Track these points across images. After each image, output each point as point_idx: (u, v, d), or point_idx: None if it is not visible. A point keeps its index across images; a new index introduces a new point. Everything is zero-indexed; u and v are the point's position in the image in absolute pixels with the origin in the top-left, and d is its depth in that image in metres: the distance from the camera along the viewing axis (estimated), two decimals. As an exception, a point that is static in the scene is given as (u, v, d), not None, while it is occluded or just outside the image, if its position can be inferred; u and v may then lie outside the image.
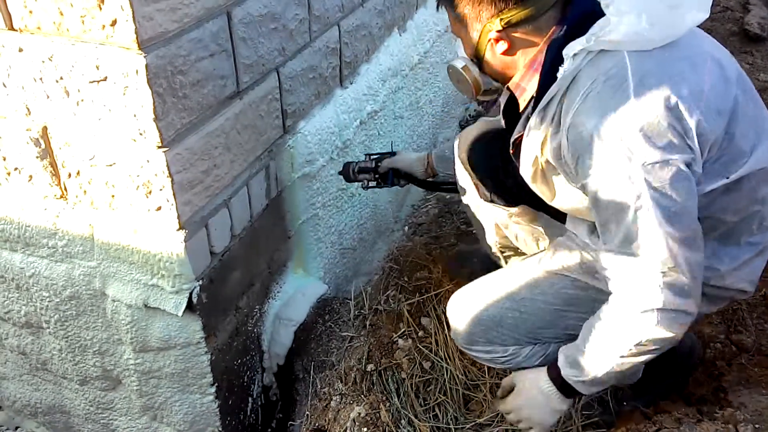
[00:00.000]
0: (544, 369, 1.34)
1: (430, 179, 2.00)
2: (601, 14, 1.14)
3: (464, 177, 1.75)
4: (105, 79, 1.30)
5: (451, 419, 1.56)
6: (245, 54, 1.57)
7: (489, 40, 1.27)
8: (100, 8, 1.20)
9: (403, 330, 1.87)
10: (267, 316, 2.04)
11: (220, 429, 1.88)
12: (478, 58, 1.34)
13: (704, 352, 1.71)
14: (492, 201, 1.69)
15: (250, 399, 2.03)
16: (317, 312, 2.08)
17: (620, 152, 1.09)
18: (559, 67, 1.18)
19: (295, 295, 2.12)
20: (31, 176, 1.57)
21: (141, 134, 1.34)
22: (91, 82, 1.32)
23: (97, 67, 1.29)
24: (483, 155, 1.69)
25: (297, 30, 1.79)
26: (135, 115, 1.32)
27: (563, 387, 1.30)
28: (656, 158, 1.07)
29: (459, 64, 1.40)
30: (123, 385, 1.89)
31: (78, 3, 1.21)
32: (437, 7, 1.38)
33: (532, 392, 1.34)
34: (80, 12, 1.22)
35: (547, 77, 1.20)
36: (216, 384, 1.77)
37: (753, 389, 1.50)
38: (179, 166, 1.42)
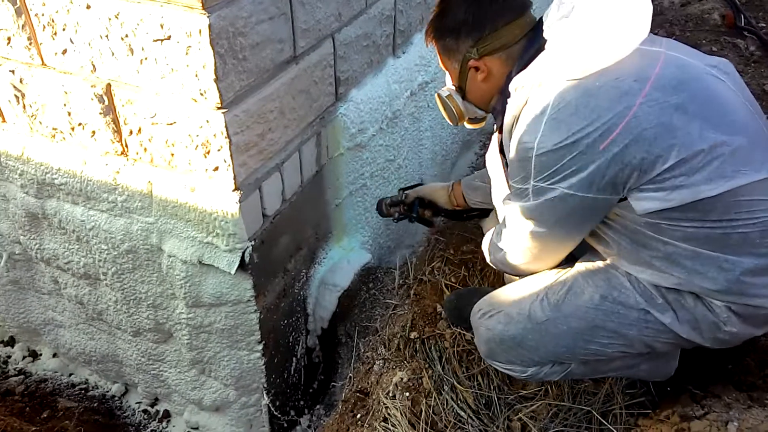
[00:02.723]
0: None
1: (452, 209, 1.99)
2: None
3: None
4: (169, 38, 1.32)
5: (495, 388, 1.57)
6: (303, 18, 1.57)
7: (469, 69, 1.41)
8: (168, -33, 1.22)
9: (446, 301, 1.87)
10: (312, 281, 2.08)
11: (265, 385, 1.94)
12: (461, 87, 1.48)
13: (757, 339, 1.66)
14: None
15: (294, 359, 2.09)
16: (361, 279, 2.10)
17: (522, 173, 1.25)
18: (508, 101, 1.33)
19: (341, 262, 2.15)
20: (94, 132, 1.62)
21: (201, 94, 1.37)
22: (155, 40, 1.34)
23: (162, 26, 1.31)
24: None
25: (354, -5, 1.78)
26: (196, 75, 1.34)
27: None
28: (544, 183, 1.21)
29: (444, 92, 1.54)
30: (174, 338, 1.97)
31: (146, -39, 1.23)
32: (426, 44, 1.52)
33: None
34: (148, -30, 1.24)
35: (500, 111, 1.38)
36: (263, 342, 1.82)
37: (805, 378, 1.46)
38: (237, 127, 1.45)
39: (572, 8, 1.20)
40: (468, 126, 1.58)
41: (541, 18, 1.34)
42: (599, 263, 1.39)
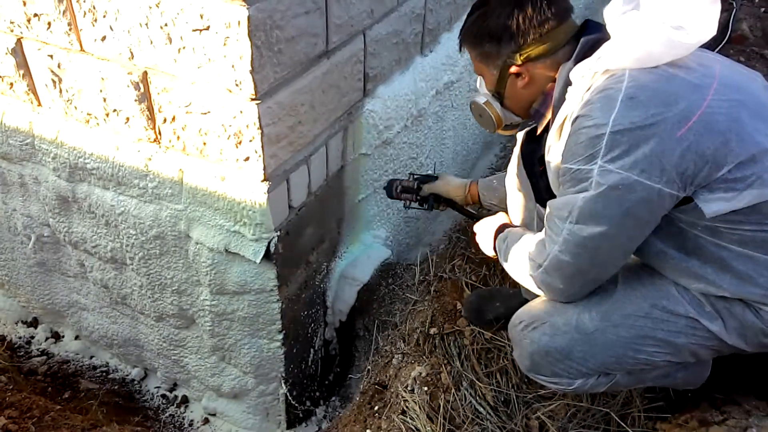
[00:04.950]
0: (500, 221, 1.59)
1: (468, 206, 1.98)
2: (607, 39, 1.21)
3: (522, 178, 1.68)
4: (208, 28, 1.35)
5: (514, 387, 1.58)
6: (337, 13, 1.59)
7: (510, 75, 1.37)
8: (211, -42, 1.24)
9: (467, 299, 1.87)
10: (333, 274, 2.10)
11: (284, 375, 1.97)
12: (499, 93, 1.43)
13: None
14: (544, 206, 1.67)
15: (311, 350, 2.11)
16: (381, 275, 2.12)
17: (588, 151, 1.16)
18: (568, 89, 1.26)
19: (361, 257, 2.18)
20: (128, 118, 1.65)
21: (237, 85, 1.39)
22: (194, 30, 1.37)
23: (201, 16, 1.34)
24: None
25: (387, -8, 1.80)
26: (233, 66, 1.37)
27: (494, 242, 1.55)
28: (614, 165, 1.14)
29: (481, 99, 1.49)
30: (196, 324, 2.00)
31: (190, -48, 1.26)
32: (459, 49, 1.46)
33: (484, 228, 1.63)
34: (191, -39, 1.27)
35: (559, 99, 1.29)
36: (284, 331, 1.85)
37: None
38: (269, 119, 1.47)
39: (638, 2, 1.19)
40: (501, 133, 1.56)
41: (585, 21, 1.33)
42: (643, 271, 1.37)
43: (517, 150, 1.57)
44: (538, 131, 1.42)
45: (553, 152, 1.30)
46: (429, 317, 1.81)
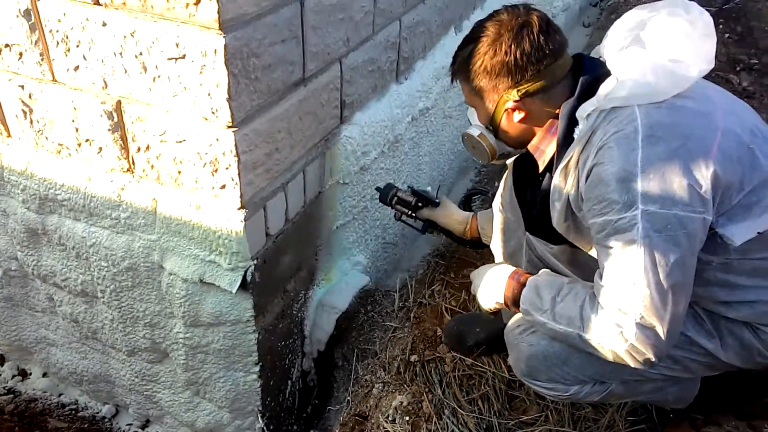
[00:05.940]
0: (511, 268, 1.44)
1: (467, 239, 1.94)
2: (607, 76, 1.22)
3: (513, 204, 1.66)
4: (183, 56, 1.34)
5: (495, 413, 1.56)
6: (313, 42, 1.60)
7: (505, 110, 1.35)
8: (187, -12, 1.24)
9: (446, 325, 1.85)
10: (311, 302, 2.07)
11: (260, 408, 1.92)
12: (493, 126, 1.42)
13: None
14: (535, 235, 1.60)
15: (289, 382, 2.06)
16: (360, 302, 2.10)
17: (624, 197, 1.13)
18: (575, 129, 1.25)
19: (339, 284, 2.15)
20: (100, 148, 1.62)
21: (213, 113, 1.38)
22: (170, 59, 1.36)
23: (177, 45, 1.33)
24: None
25: (362, 22, 1.82)
26: (209, 94, 1.36)
27: (510, 291, 1.40)
28: (657, 206, 1.11)
29: (475, 132, 1.48)
30: (170, 358, 1.94)
31: (165, -18, 1.26)
32: (452, 81, 1.46)
33: (491, 275, 1.46)
34: (166, -10, 1.27)
35: (564, 138, 1.28)
36: (260, 363, 1.81)
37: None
38: (245, 146, 1.46)
39: (635, 39, 1.22)
40: (494, 163, 1.55)
41: (577, 56, 1.34)
42: None
43: (509, 178, 1.57)
44: (540, 168, 1.40)
45: (559, 193, 1.29)
46: (409, 344, 1.79)
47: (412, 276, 2.22)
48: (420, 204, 1.93)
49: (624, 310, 1.15)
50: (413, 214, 1.94)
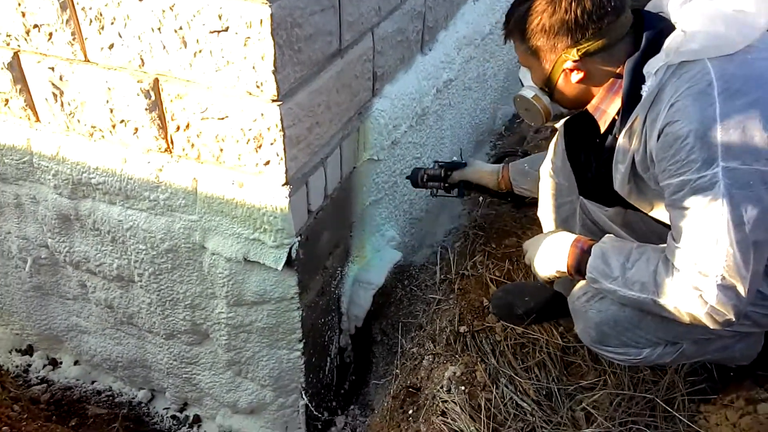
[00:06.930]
0: (572, 236, 1.38)
1: (501, 191, 1.94)
2: (670, 31, 1.18)
3: (565, 169, 1.63)
4: (226, 29, 1.30)
5: (554, 380, 1.56)
6: (349, 11, 1.57)
7: (563, 71, 1.31)
8: (231, -44, 1.20)
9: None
10: (347, 279, 2.06)
11: (304, 386, 1.91)
12: (549, 88, 1.38)
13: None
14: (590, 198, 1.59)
15: (328, 359, 2.06)
16: (395, 277, 2.09)
17: (704, 155, 1.10)
18: (642, 86, 1.21)
19: (373, 260, 2.14)
20: (136, 129, 1.59)
21: (258, 87, 1.35)
22: (212, 32, 1.32)
23: (220, 17, 1.29)
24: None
25: (393, -10, 1.78)
26: (254, 67, 1.33)
27: (573, 259, 1.35)
28: (738, 162, 1.08)
29: (528, 93, 1.43)
30: (210, 339, 1.93)
31: (208, -49, 1.22)
32: (504, 41, 1.40)
33: (550, 244, 1.41)
34: (209, -40, 1.23)
35: (630, 96, 1.23)
36: (304, 340, 1.80)
37: None
38: (290, 120, 1.43)
39: None
40: (547, 125, 1.52)
41: (637, 11, 1.29)
42: None
43: (560, 142, 1.54)
44: (602, 129, 1.36)
45: (623, 155, 1.25)
46: (457, 316, 1.78)
47: (444, 249, 2.21)
48: (449, 172, 1.95)
49: (704, 272, 1.13)
50: (446, 184, 1.96)
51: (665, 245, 1.24)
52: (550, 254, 1.41)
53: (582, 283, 1.41)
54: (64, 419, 2.10)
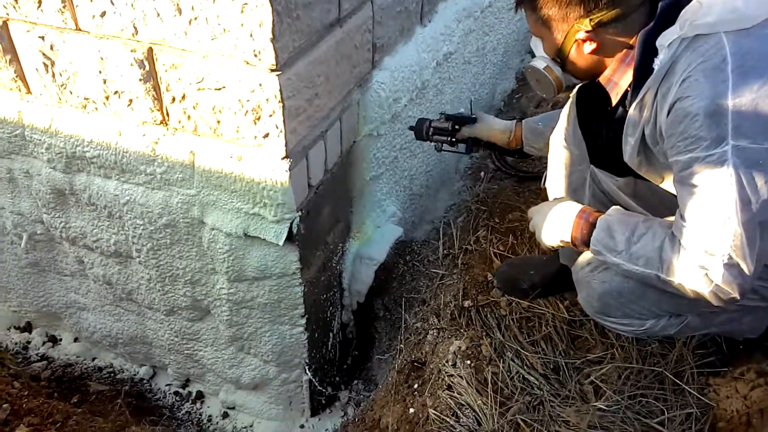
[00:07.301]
0: (578, 206, 1.36)
1: (510, 148, 1.88)
2: (687, 2, 1.13)
3: (576, 137, 1.59)
4: (223, -5, 1.26)
5: (561, 353, 1.55)
6: (348, -23, 1.52)
7: (576, 41, 1.27)
8: None
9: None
10: (348, 255, 2.04)
11: (307, 361, 1.90)
12: (561, 58, 1.34)
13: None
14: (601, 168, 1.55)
15: (330, 334, 2.05)
16: (397, 253, 2.07)
17: (713, 133, 1.07)
18: (654, 59, 1.17)
19: (374, 236, 2.12)
20: (131, 100, 1.55)
21: (256, 55, 1.31)
22: (208, -2, 1.27)
23: (216, -17, 1.25)
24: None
25: (393, -44, 1.72)
26: (251, 35, 1.28)
27: (578, 230, 1.33)
28: (749, 141, 1.05)
29: (540, 64, 1.39)
30: (212, 315, 1.91)
31: None
32: (515, 10, 1.35)
33: (556, 213, 1.39)
34: None
35: (642, 69, 1.20)
36: (306, 316, 1.78)
37: None
38: (289, 91, 1.39)
39: None
40: (558, 96, 1.48)
41: None
42: None
43: (572, 110, 1.50)
44: (614, 102, 1.32)
45: (634, 128, 1.22)
46: (461, 290, 1.76)
47: (448, 224, 2.18)
48: (457, 126, 1.86)
49: (711, 252, 1.11)
50: (453, 139, 1.87)
51: (672, 220, 1.21)
52: (555, 224, 1.38)
53: (587, 253, 1.39)
54: (66, 396, 2.09)
